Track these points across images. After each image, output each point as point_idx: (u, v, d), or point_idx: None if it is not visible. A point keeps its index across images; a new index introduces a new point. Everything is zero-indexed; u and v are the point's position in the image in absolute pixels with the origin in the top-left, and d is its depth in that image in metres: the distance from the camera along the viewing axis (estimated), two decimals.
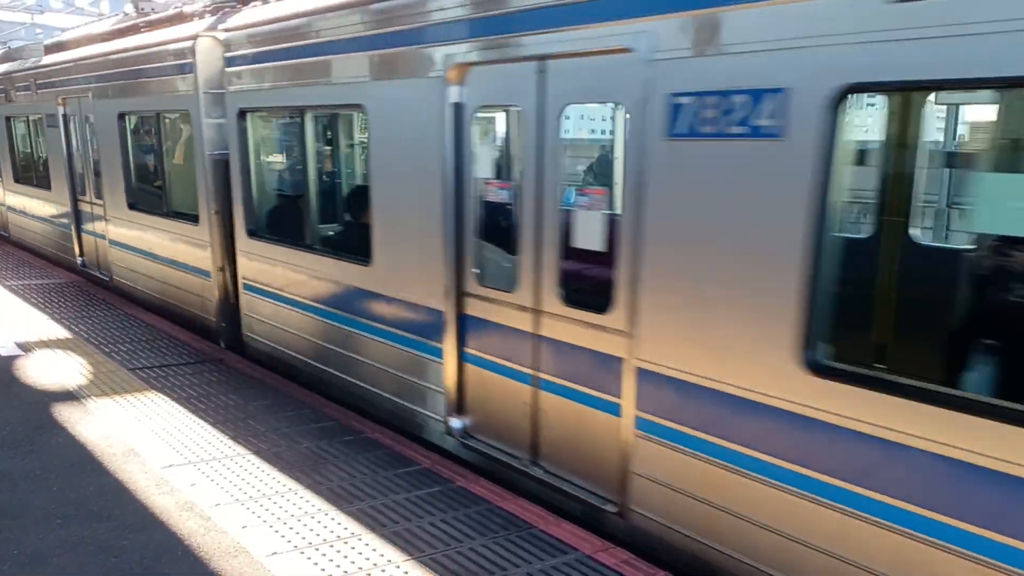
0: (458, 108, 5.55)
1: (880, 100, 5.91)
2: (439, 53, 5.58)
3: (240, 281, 8.64)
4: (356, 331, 6.95)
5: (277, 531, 4.89)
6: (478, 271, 5.71)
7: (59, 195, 13.35)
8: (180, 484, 5.51)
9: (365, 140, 7.65)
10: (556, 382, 5.22)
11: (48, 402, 7.08)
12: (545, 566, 4.53)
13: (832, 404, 3.75)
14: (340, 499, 5.33)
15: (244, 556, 4.59)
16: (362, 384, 6.99)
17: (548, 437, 5.36)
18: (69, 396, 7.25)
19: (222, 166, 8.53)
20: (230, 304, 8.99)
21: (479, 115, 5.57)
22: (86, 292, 11.98)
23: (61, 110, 12.63)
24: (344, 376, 7.22)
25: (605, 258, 4.80)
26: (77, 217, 12.93)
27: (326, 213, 8.09)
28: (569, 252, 5.09)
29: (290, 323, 7.90)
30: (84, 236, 12.90)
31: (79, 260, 13.15)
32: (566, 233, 5.08)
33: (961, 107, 8.14)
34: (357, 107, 6.69)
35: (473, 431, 5.99)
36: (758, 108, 3.87)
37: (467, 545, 4.74)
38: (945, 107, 8.29)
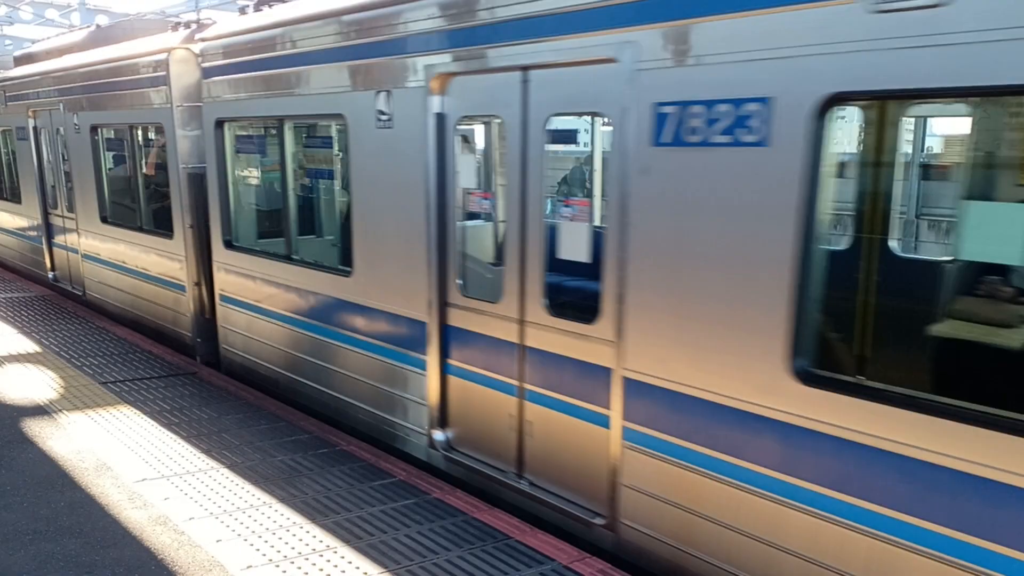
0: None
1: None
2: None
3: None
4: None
5: (252, 544, 4.86)
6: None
7: None
8: (153, 498, 5.47)
9: None
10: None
11: (18, 417, 7.00)
12: None
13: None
14: (315, 512, 5.31)
15: (219, 570, 4.56)
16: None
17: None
18: (40, 411, 7.17)
19: None
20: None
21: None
22: (56, 306, 11.85)
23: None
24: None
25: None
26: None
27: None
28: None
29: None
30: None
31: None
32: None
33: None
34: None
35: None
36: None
37: (443, 557, 4.74)
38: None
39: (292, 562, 4.66)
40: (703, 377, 4.23)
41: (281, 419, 7.13)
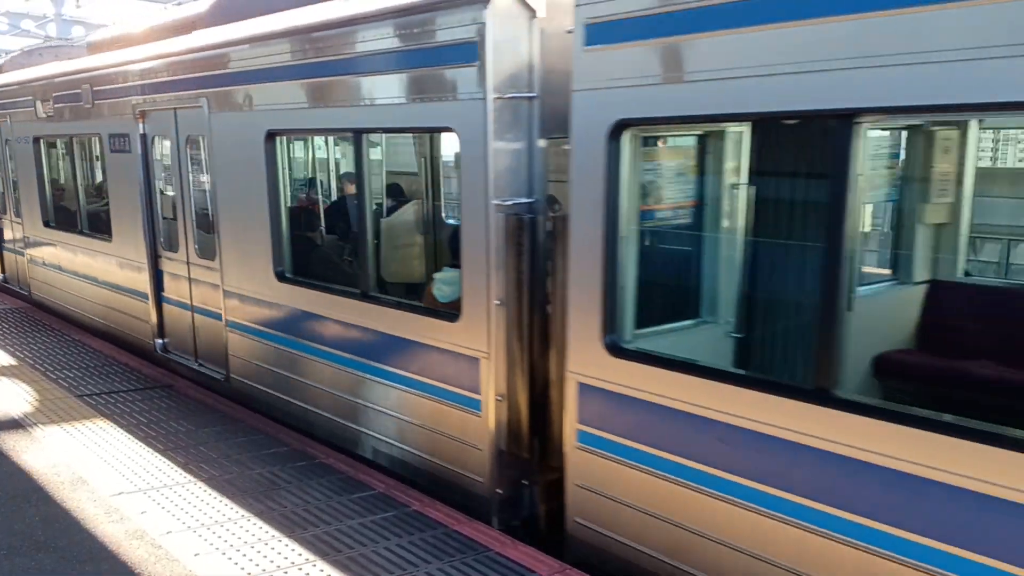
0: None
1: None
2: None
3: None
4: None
5: (230, 558, 4.84)
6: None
7: None
8: (130, 512, 5.43)
9: None
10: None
11: None
12: None
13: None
14: (294, 525, 5.29)
15: None
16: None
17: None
18: (14, 424, 7.10)
19: None
20: None
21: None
22: (31, 318, 11.74)
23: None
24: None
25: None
26: None
27: None
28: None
29: None
30: None
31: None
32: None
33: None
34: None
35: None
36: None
37: (423, 570, 4.74)
38: None
39: None
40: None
41: (259, 432, 7.10)
